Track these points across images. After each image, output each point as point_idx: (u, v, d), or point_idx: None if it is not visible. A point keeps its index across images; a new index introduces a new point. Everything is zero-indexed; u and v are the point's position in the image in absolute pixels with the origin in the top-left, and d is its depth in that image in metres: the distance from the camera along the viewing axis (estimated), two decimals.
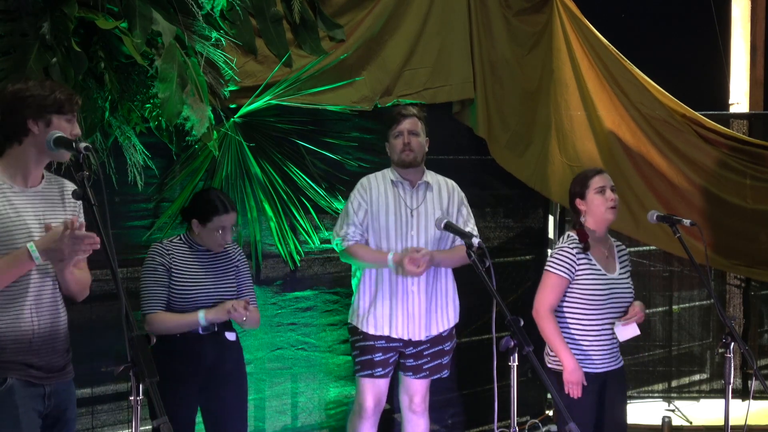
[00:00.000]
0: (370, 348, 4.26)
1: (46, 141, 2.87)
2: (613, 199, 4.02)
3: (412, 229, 4.24)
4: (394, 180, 4.30)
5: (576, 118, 5.65)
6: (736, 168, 5.86)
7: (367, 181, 4.32)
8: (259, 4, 4.30)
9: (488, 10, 5.30)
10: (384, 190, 4.28)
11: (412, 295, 4.23)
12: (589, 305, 3.95)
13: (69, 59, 3.46)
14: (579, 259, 3.95)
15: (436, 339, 4.33)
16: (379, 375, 4.27)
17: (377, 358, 4.27)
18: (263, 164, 4.48)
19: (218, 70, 4.07)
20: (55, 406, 2.99)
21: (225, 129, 4.27)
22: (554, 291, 3.96)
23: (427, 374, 4.35)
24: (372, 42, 4.80)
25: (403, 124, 4.26)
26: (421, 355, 4.32)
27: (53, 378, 2.98)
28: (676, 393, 6.34)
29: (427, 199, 4.31)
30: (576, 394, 3.89)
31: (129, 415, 3.94)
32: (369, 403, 4.30)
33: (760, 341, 6.57)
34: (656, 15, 6.98)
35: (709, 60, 6.91)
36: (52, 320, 2.98)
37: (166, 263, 3.77)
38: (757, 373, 3.87)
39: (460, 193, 4.40)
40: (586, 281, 3.95)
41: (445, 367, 4.41)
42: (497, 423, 3.39)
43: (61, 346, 3.02)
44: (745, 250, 5.92)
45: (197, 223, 3.83)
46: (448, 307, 4.36)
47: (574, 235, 4.02)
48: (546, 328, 3.95)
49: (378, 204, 4.25)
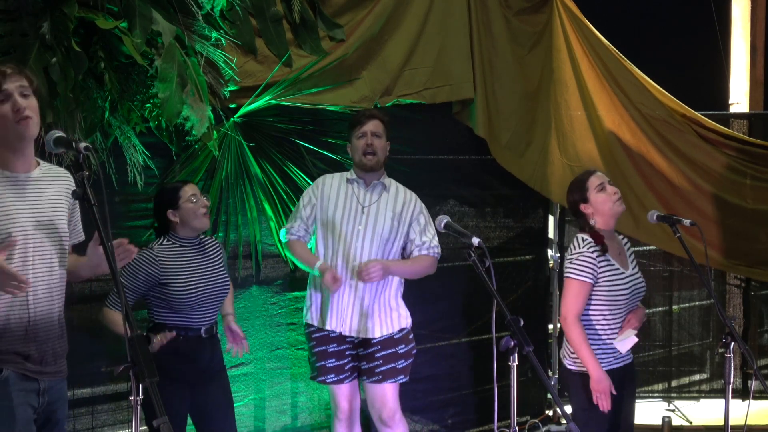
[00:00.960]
0: (323, 354, 4.24)
1: (46, 141, 2.85)
2: (615, 191, 4.01)
3: (359, 224, 4.20)
4: (350, 178, 4.29)
5: (576, 118, 5.65)
6: (736, 168, 5.86)
7: (322, 179, 4.33)
8: (259, 4, 4.30)
9: (488, 10, 5.30)
10: (337, 186, 4.28)
11: (359, 293, 4.20)
12: (614, 305, 3.92)
13: (69, 59, 3.46)
14: (600, 261, 3.92)
15: (388, 341, 4.27)
16: (331, 381, 4.24)
17: (330, 364, 4.23)
18: (263, 164, 4.48)
19: (218, 70, 4.07)
20: (48, 404, 2.99)
21: (225, 129, 4.27)
22: (579, 297, 3.91)
23: (380, 378, 4.26)
24: (372, 42, 4.80)
25: (366, 125, 4.24)
26: (373, 357, 4.25)
27: (47, 375, 2.97)
28: (676, 393, 6.34)
29: (381, 199, 4.27)
30: (605, 406, 3.85)
31: (129, 415, 3.96)
32: (341, 407, 4.27)
33: (760, 341, 6.57)
34: (656, 15, 6.98)
35: (709, 60, 6.91)
36: (48, 307, 2.98)
37: (152, 273, 3.72)
38: (757, 373, 3.86)
39: (420, 204, 4.34)
40: (610, 282, 3.92)
41: (401, 372, 4.29)
42: (497, 423, 3.39)
43: (56, 333, 3.01)
44: (745, 250, 5.92)
45: (172, 213, 3.80)
46: (399, 308, 4.31)
47: (588, 238, 3.96)
48: (573, 336, 3.90)
49: (329, 198, 4.24)
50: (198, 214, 3.81)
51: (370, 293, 4.22)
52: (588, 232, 3.99)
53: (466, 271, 5.04)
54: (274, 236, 4.55)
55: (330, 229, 4.23)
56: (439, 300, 5.16)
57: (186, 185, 3.85)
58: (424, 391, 5.17)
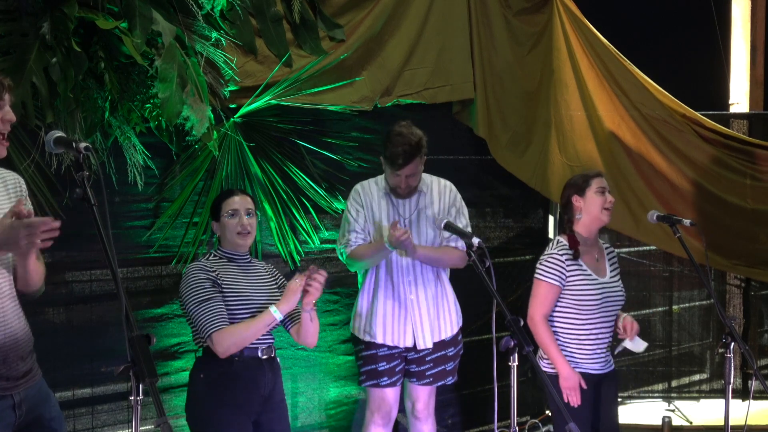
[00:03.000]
0: (373, 357, 4.21)
1: (46, 141, 2.79)
2: (611, 201, 4.01)
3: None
4: (387, 190, 4.21)
5: (576, 118, 5.65)
6: (736, 168, 5.86)
7: (361, 188, 4.24)
8: (259, 4, 4.30)
9: (488, 10, 5.30)
10: (377, 197, 4.20)
11: (411, 304, 4.19)
12: (582, 311, 3.93)
13: (69, 59, 3.46)
14: (569, 265, 3.93)
15: (439, 344, 4.28)
16: (384, 384, 4.22)
17: (381, 368, 4.22)
18: (263, 164, 4.48)
19: (218, 70, 4.07)
20: (28, 412, 2.84)
21: (225, 129, 4.27)
22: (546, 299, 3.94)
23: (431, 380, 4.29)
24: (372, 42, 4.81)
25: (404, 169, 4.07)
26: (424, 360, 4.26)
27: (20, 385, 2.82)
28: (676, 393, 6.34)
29: (419, 206, 4.23)
30: (575, 402, 3.87)
31: (129, 415, 3.96)
32: (378, 413, 4.25)
33: (760, 341, 6.57)
34: (656, 15, 6.98)
35: (709, 60, 6.91)
36: (15, 325, 2.80)
37: (212, 278, 3.48)
38: (757, 373, 3.86)
39: (453, 194, 4.29)
40: (578, 287, 3.93)
41: (450, 374, 4.33)
42: (497, 423, 3.39)
43: (24, 352, 2.85)
44: (745, 250, 5.92)
45: (216, 225, 3.63)
46: (450, 313, 4.31)
47: (564, 240, 3.98)
48: (541, 336, 3.93)
49: (371, 210, 4.18)
50: (236, 231, 3.58)
51: (424, 302, 4.20)
52: (566, 235, 4.00)
53: (466, 271, 5.05)
54: (275, 236, 4.55)
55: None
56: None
57: (230, 197, 3.61)
58: None
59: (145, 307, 4.17)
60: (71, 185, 3.32)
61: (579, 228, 4.01)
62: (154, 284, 4.25)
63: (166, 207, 4.23)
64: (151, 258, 4.22)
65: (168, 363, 4.24)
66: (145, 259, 4.20)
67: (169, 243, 4.24)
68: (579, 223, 4.01)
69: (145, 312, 4.14)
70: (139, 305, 4.14)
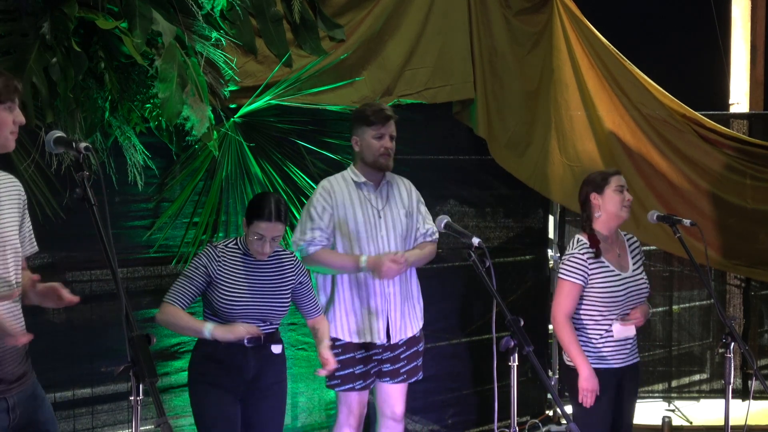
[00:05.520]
0: (351, 361, 4.15)
1: (46, 141, 2.78)
2: (629, 199, 4.02)
3: (381, 231, 4.13)
4: (357, 182, 4.16)
5: (576, 118, 5.65)
6: (736, 168, 5.86)
7: (329, 184, 4.13)
8: (259, 4, 4.30)
9: (488, 10, 5.30)
10: (347, 191, 4.13)
11: (389, 297, 4.14)
12: (607, 307, 3.94)
13: (69, 59, 3.46)
14: (591, 263, 3.93)
15: (411, 341, 4.26)
16: (360, 387, 4.18)
17: (358, 371, 4.17)
18: (263, 164, 4.48)
19: (218, 70, 4.07)
20: (21, 415, 2.85)
21: (225, 129, 4.27)
22: (569, 298, 3.94)
23: (404, 378, 4.25)
24: (372, 42, 4.80)
25: (387, 127, 4.11)
26: (399, 358, 4.23)
27: (14, 389, 2.83)
28: (676, 393, 6.34)
29: (390, 199, 4.21)
30: (589, 403, 3.88)
31: (129, 415, 3.95)
32: (353, 415, 4.21)
33: (760, 341, 6.57)
34: (656, 15, 6.98)
35: (709, 60, 6.92)
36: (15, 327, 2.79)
37: (210, 268, 3.62)
38: (757, 373, 3.86)
39: (415, 190, 4.30)
40: (602, 284, 3.93)
41: (420, 369, 4.32)
42: (497, 423, 3.39)
43: (20, 355, 2.86)
44: (745, 250, 5.92)
45: (245, 223, 3.67)
46: (416, 309, 4.30)
47: (584, 239, 3.98)
48: (562, 335, 3.94)
49: (343, 206, 4.09)
50: (254, 249, 3.65)
51: (399, 295, 4.17)
52: (586, 233, 4.00)
53: (466, 271, 5.04)
54: None
55: (350, 239, 4.10)
56: (439, 300, 5.16)
57: (267, 223, 3.59)
58: (424, 391, 5.16)
59: (145, 307, 4.16)
60: (71, 185, 3.34)
61: (598, 226, 4.01)
62: (154, 284, 4.25)
63: (166, 207, 4.23)
64: (151, 258, 4.22)
65: (168, 363, 4.24)
66: (145, 259, 4.20)
67: (169, 243, 4.24)
68: (598, 221, 4.02)
69: (145, 312, 4.14)
70: (139, 305, 4.14)
